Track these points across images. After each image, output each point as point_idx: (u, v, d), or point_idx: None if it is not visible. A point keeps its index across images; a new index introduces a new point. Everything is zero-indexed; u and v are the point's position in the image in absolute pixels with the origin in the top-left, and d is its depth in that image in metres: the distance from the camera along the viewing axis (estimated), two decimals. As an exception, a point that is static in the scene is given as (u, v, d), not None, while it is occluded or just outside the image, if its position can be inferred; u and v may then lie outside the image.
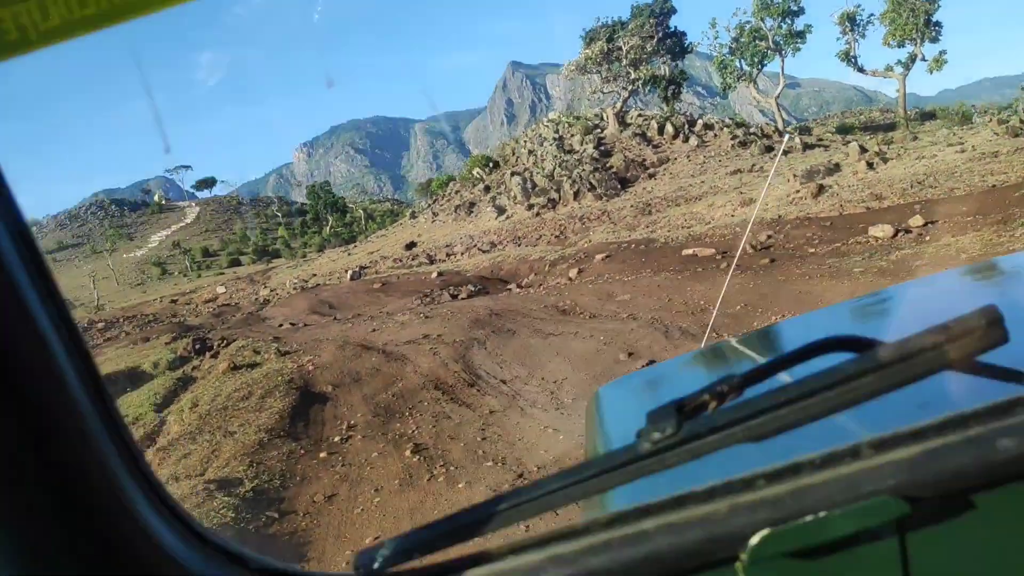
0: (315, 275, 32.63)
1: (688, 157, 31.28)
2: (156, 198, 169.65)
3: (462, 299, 14.05)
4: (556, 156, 32.70)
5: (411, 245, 30.37)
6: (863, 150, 21.46)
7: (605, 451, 1.03)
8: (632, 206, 26.01)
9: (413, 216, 40.45)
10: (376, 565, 0.74)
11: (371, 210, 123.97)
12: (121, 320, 29.87)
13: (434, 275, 18.08)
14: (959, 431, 0.67)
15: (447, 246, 27.40)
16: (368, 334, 10.84)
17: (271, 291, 31.72)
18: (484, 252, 24.35)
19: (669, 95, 46.60)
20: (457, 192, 39.77)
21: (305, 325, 13.79)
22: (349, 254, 37.15)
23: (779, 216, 15.79)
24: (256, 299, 28.82)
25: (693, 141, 33.72)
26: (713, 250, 13.35)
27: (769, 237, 13.49)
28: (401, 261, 27.21)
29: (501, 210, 30.40)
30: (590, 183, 28.81)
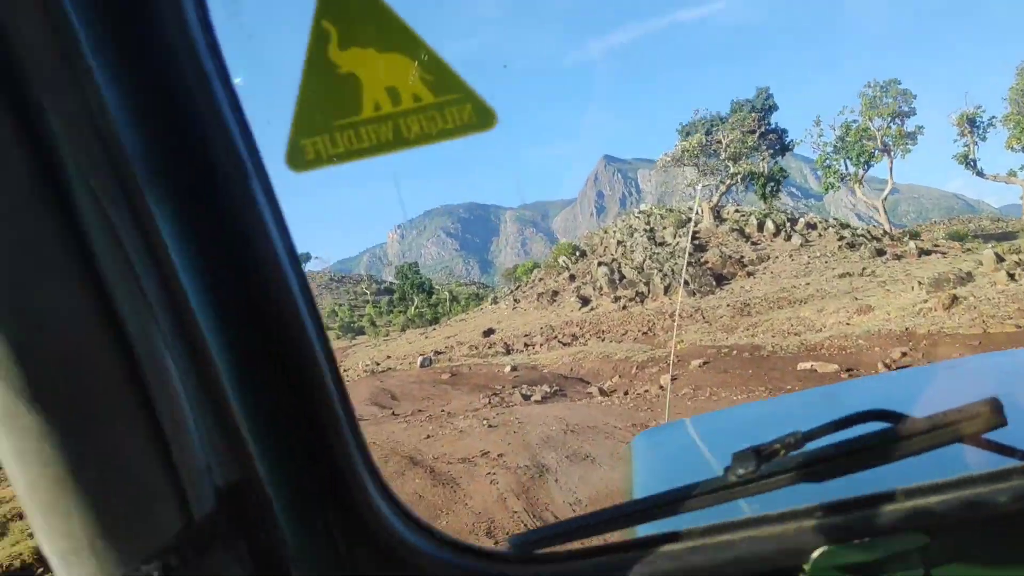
0: (389, 357, 31.60)
1: (791, 256, 29.13)
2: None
3: (535, 401, 12.34)
4: (647, 248, 31.12)
5: (489, 332, 29.02)
6: (1000, 259, 18.95)
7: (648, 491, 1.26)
8: (728, 305, 23.98)
9: (495, 301, 39.32)
10: (526, 547, 0.97)
11: (456, 292, 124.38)
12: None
13: (507, 369, 16.46)
14: (969, 488, 0.93)
15: (526, 335, 25.89)
16: (420, 441, 9.28)
17: (344, 369, 30.79)
18: (564, 345, 22.69)
19: (767, 192, 44.70)
20: (541, 280, 38.53)
21: (361, 419, 12.35)
22: (427, 337, 36.13)
23: (907, 329, 13.59)
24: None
25: (796, 240, 31.58)
26: (836, 366, 11.29)
27: (904, 355, 11.35)
28: (477, 349, 25.82)
29: (585, 301, 28.82)
30: (684, 279, 26.99)
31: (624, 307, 26.57)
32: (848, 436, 0.89)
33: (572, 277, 33.50)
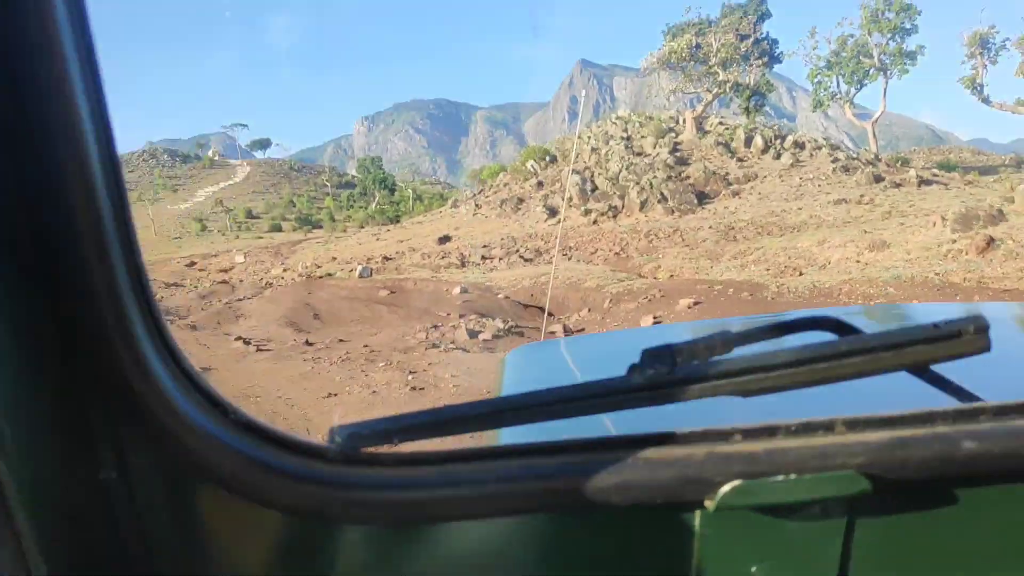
0: (334, 259, 28.72)
1: (780, 177, 26.57)
2: (210, 153, 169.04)
3: (483, 341, 9.79)
4: (623, 158, 28.24)
5: (444, 239, 26.27)
6: (1030, 194, 16.60)
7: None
8: (711, 227, 21.49)
9: (455, 205, 36.33)
10: (352, 442, 0.72)
11: (420, 191, 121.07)
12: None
13: (456, 291, 13.85)
14: (928, 426, 0.72)
15: (485, 246, 23.22)
16: (317, 400, 6.74)
17: (283, 270, 27.94)
18: (527, 261, 20.10)
19: (751, 106, 41.69)
20: (506, 185, 35.54)
21: (259, 350, 9.72)
22: (379, 238, 33.21)
23: (941, 275, 11.22)
24: (261, 280, 25.01)
25: (786, 159, 28.94)
26: (868, 322, 8.92)
27: (954, 313, 8.98)
28: (428, 258, 23.12)
29: (553, 211, 26.08)
30: (661, 193, 24.33)
31: (595, 222, 23.94)
32: (789, 346, 0.70)
33: (540, 184, 30.63)
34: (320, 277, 20.76)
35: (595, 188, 26.65)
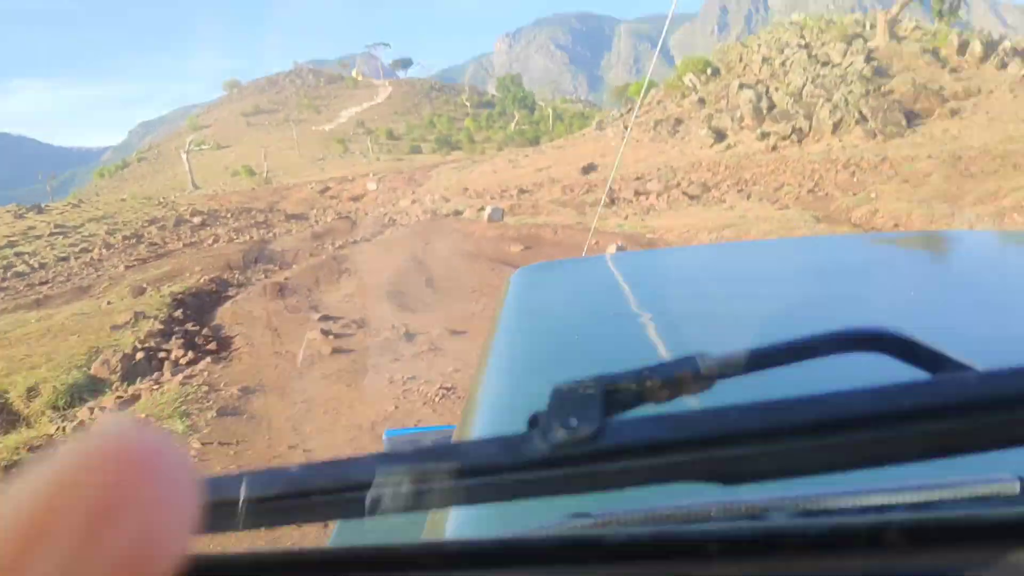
0: (466, 190, 25.96)
1: (1012, 92, 20.86)
2: (354, 73, 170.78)
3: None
4: (807, 69, 23.30)
5: (589, 168, 22.79)
6: None
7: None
8: (932, 156, 16.73)
9: (600, 127, 32.43)
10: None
11: (561, 110, 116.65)
12: (231, 215, 24.88)
13: (611, 248, 10.51)
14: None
15: (637, 178, 19.57)
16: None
17: (411, 202, 25.56)
18: (692, 199, 16.36)
19: (944, 8, 34.44)
20: (659, 103, 31.18)
21: (337, 351, 6.91)
22: (515, 166, 30.06)
23: None
24: (385, 215, 22.67)
25: (1016, 68, 22.91)
26: None
27: None
28: (571, 192, 19.79)
29: (720, 135, 21.87)
30: (860, 112, 19.53)
31: (775, 147, 19.62)
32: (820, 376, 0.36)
33: (702, 101, 26.21)
34: (447, 215, 18.00)
35: (772, 106, 22.10)
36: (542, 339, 1.35)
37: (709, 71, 29.93)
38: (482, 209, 17.54)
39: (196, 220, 22.46)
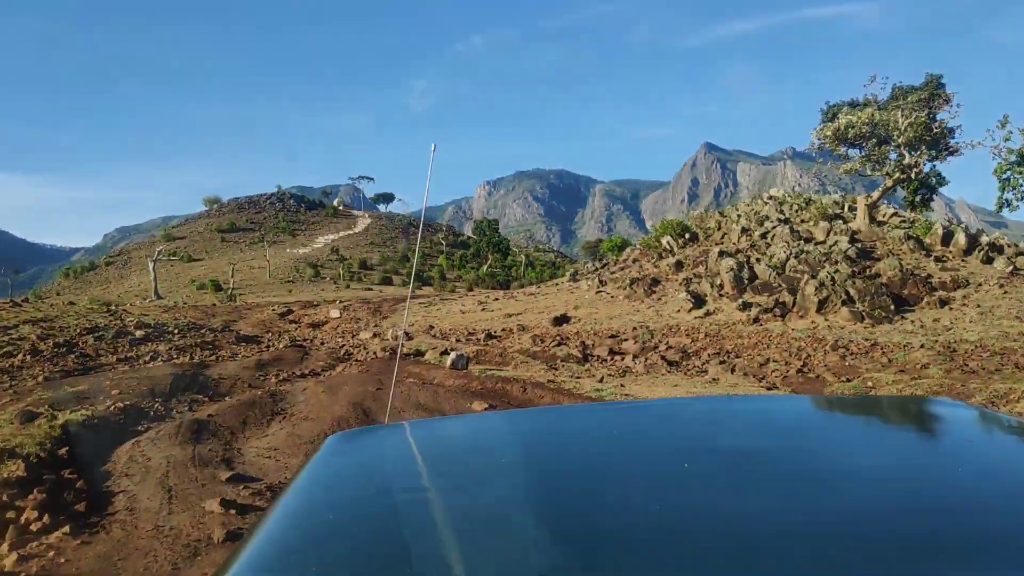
0: (431, 328, 24.74)
1: (1002, 287, 20.67)
2: (335, 202, 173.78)
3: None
4: (790, 244, 23.12)
5: (562, 319, 21.82)
6: None
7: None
8: (925, 345, 16.03)
9: (574, 278, 31.91)
10: None
11: (533, 258, 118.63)
12: (179, 331, 23.25)
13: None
14: None
15: (613, 336, 18.56)
16: None
17: (372, 335, 24.20)
18: (671, 365, 15.25)
19: (917, 200, 35.57)
20: (635, 261, 30.92)
21: (244, 508, 5.41)
22: (485, 308, 29.10)
23: None
24: (340, 347, 21.23)
25: (1001, 264, 22.95)
26: None
27: None
28: (541, 343, 18.65)
29: (699, 299, 21.18)
30: (847, 292, 19.01)
31: (756, 319, 18.84)
32: None
33: (679, 264, 25.82)
34: (407, 354, 16.63)
35: (754, 276, 21.62)
36: (320, 512, 1.32)
37: (687, 235, 29.91)
38: (445, 353, 16.23)
39: (139, 333, 20.77)
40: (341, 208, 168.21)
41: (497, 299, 33.00)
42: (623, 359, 16.26)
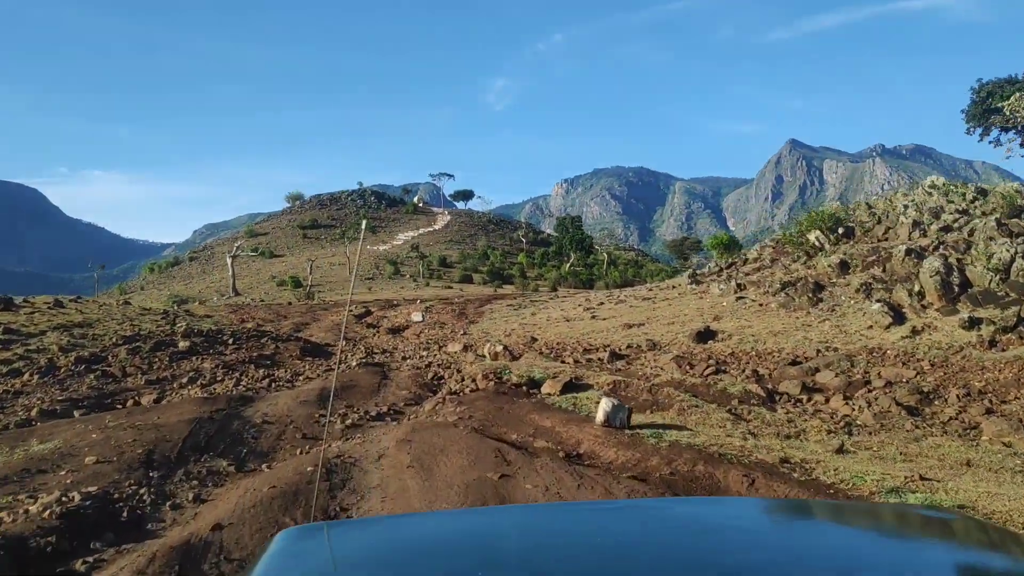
0: (536, 340, 20.27)
1: None
2: (415, 199, 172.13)
3: None
4: (1006, 242, 17.61)
5: (707, 335, 16.99)
6: None
7: None
8: None
9: (696, 280, 26.90)
10: None
11: (615, 256, 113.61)
12: (235, 339, 19.46)
13: None
14: None
15: (795, 363, 13.67)
16: None
17: (462, 348, 19.95)
18: (910, 412, 10.30)
19: None
20: (773, 261, 25.70)
21: None
22: (594, 316, 24.47)
23: None
24: (426, 363, 16.96)
25: None
26: None
27: None
28: (691, 367, 13.93)
29: (898, 313, 16.01)
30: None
31: (993, 341, 13.59)
32: None
33: (844, 266, 20.55)
34: (518, 384, 12.19)
35: (965, 283, 16.28)
36: None
37: (841, 229, 24.51)
38: (574, 388, 11.67)
39: (183, 345, 17.03)
40: (421, 205, 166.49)
41: (602, 303, 28.30)
42: (827, 400, 11.39)
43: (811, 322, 17.08)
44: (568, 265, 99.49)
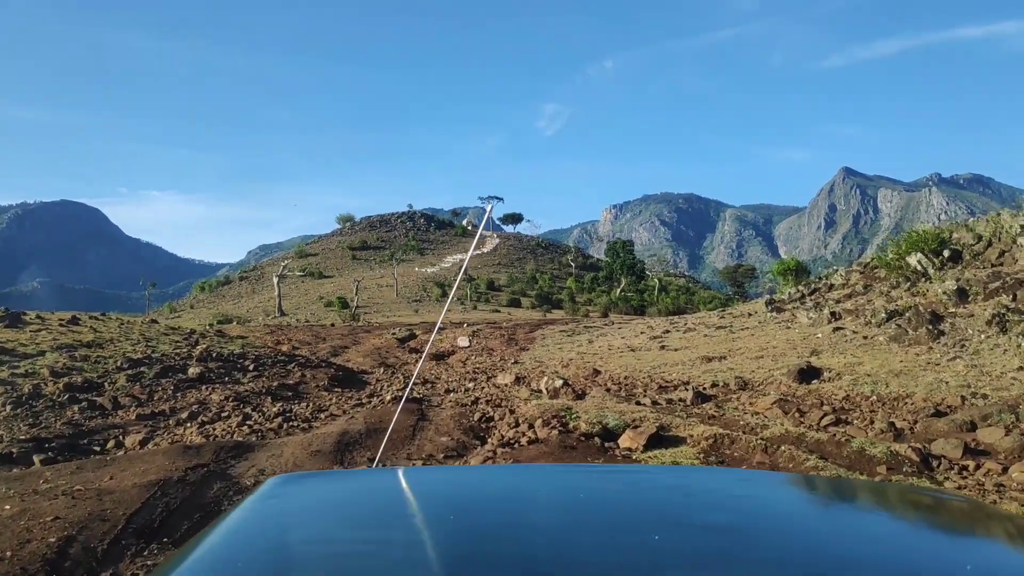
0: (600, 373, 17.59)
1: None
2: (465, 222, 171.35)
3: None
4: None
5: (810, 373, 14.12)
6: None
7: None
8: None
9: (776, 308, 23.92)
10: None
11: (666, 282, 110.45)
12: (260, 364, 17.25)
13: None
14: None
15: (938, 413, 10.76)
16: None
17: (513, 380, 17.42)
18: None
19: None
20: (867, 287, 22.64)
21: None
22: (663, 345, 21.68)
23: None
24: (473, 399, 14.44)
25: None
26: None
27: None
28: (800, 416, 11.15)
29: (1053, 352, 12.95)
30: None
31: None
32: None
33: (961, 293, 17.48)
34: (588, 435, 9.56)
35: None
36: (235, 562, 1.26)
37: (946, 252, 21.35)
38: (664, 441, 9.00)
39: (194, 371, 14.82)
40: (470, 228, 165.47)
41: (668, 331, 25.47)
42: (1004, 469, 8.51)
43: (937, 360, 14.06)
44: (619, 290, 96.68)
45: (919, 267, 21.18)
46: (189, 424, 11.09)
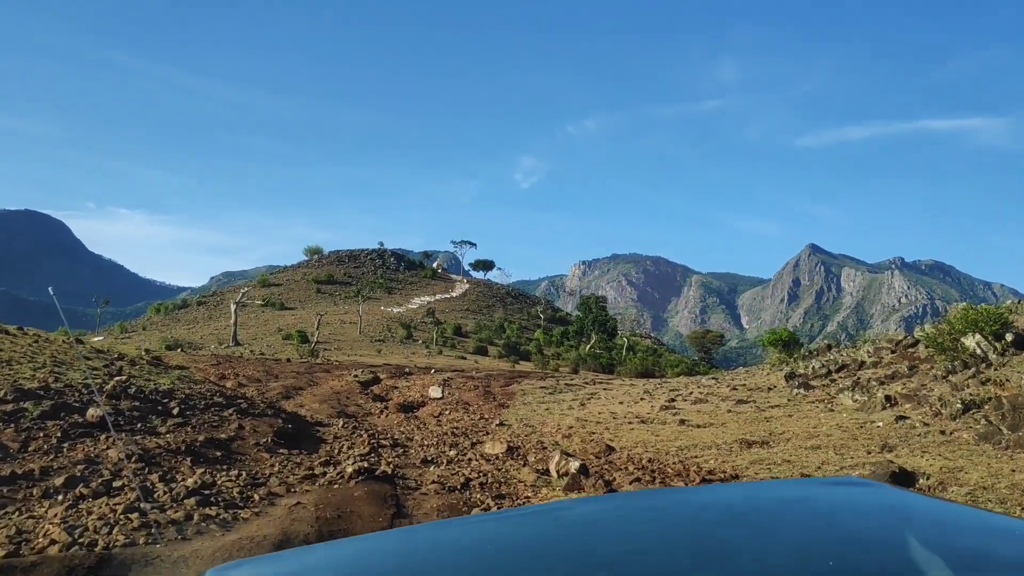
0: (613, 450, 14.16)
1: None
2: (435, 265, 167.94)
3: None
4: None
5: (902, 478, 10.86)
6: None
7: None
8: None
9: (804, 385, 20.79)
10: None
11: (633, 342, 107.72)
12: (184, 407, 13.57)
13: None
14: None
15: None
16: None
17: (506, 449, 13.94)
18: None
19: None
20: (913, 368, 19.69)
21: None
22: (681, 419, 18.35)
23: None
24: (466, 484, 10.95)
25: None
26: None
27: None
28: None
29: None
30: None
31: None
32: None
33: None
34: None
35: None
36: None
37: (1008, 331, 18.56)
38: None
39: (93, 414, 11.10)
40: (440, 271, 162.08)
41: (673, 400, 22.19)
42: None
43: (1011, 466, 10.96)
44: (589, 346, 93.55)
45: (979, 350, 18.29)
46: (57, 499, 7.44)
